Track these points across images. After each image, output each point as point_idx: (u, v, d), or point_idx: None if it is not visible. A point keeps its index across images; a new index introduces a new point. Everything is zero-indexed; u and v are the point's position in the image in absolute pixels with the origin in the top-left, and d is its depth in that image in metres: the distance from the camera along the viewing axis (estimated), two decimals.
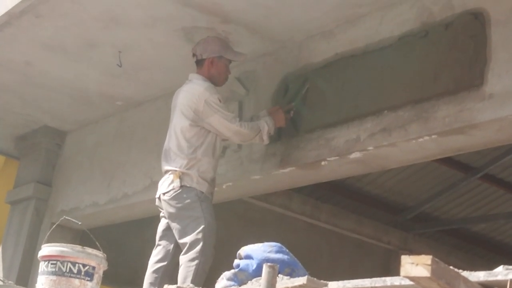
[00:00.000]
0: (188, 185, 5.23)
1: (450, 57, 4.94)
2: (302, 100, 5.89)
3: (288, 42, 6.20)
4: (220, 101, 5.41)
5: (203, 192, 5.24)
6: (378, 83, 5.38)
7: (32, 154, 9.17)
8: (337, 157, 5.58)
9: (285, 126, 5.81)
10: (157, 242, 5.41)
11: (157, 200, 5.43)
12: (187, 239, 5.10)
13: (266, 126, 5.58)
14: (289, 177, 6.12)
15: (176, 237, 5.21)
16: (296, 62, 6.13)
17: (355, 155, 5.47)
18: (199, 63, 5.65)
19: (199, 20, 5.96)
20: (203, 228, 5.08)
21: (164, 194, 5.31)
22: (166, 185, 5.31)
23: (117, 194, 7.74)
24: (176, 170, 5.27)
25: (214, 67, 5.60)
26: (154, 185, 7.20)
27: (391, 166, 5.91)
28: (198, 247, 5.03)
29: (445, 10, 5.07)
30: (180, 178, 5.23)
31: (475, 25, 4.83)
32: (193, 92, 5.42)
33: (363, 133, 5.38)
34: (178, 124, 5.43)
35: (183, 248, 5.12)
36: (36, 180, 8.92)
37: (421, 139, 5.04)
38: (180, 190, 5.22)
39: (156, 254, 5.37)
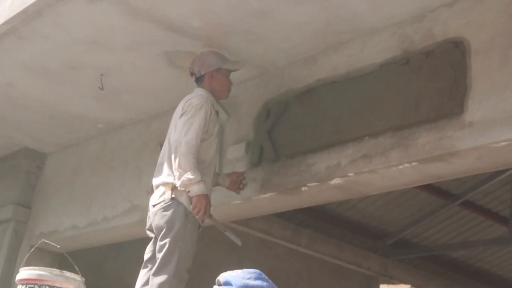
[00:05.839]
0: (178, 200, 4.96)
1: (430, 85, 4.96)
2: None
3: (270, 68, 6.22)
4: (201, 108, 5.09)
5: (191, 211, 4.96)
6: (360, 110, 5.40)
7: (12, 176, 9.12)
8: (317, 183, 5.58)
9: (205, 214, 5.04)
10: (144, 262, 5.14)
11: (148, 213, 5.17)
12: (160, 256, 4.86)
13: (198, 189, 4.92)
14: (269, 202, 6.11)
15: (156, 250, 4.97)
16: (278, 87, 6.14)
17: (335, 181, 5.47)
18: (199, 80, 5.49)
19: (182, 44, 5.97)
20: (180, 250, 4.86)
21: (154, 206, 5.06)
22: (157, 197, 5.07)
23: (97, 217, 7.70)
24: (168, 183, 5.03)
25: (214, 80, 5.44)
26: (134, 209, 7.20)
27: (371, 192, 5.92)
28: (171, 270, 4.80)
29: (426, 39, 5.12)
30: (172, 190, 4.98)
31: (455, 54, 4.87)
32: (185, 100, 5.27)
33: (344, 159, 5.38)
34: (171, 136, 5.18)
35: (154, 263, 4.88)
36: (16, 202, 8.87)
37: (401, 166, 5.05)
38: (170, 202, 4.95)
39: (141, 277, 5.09)
